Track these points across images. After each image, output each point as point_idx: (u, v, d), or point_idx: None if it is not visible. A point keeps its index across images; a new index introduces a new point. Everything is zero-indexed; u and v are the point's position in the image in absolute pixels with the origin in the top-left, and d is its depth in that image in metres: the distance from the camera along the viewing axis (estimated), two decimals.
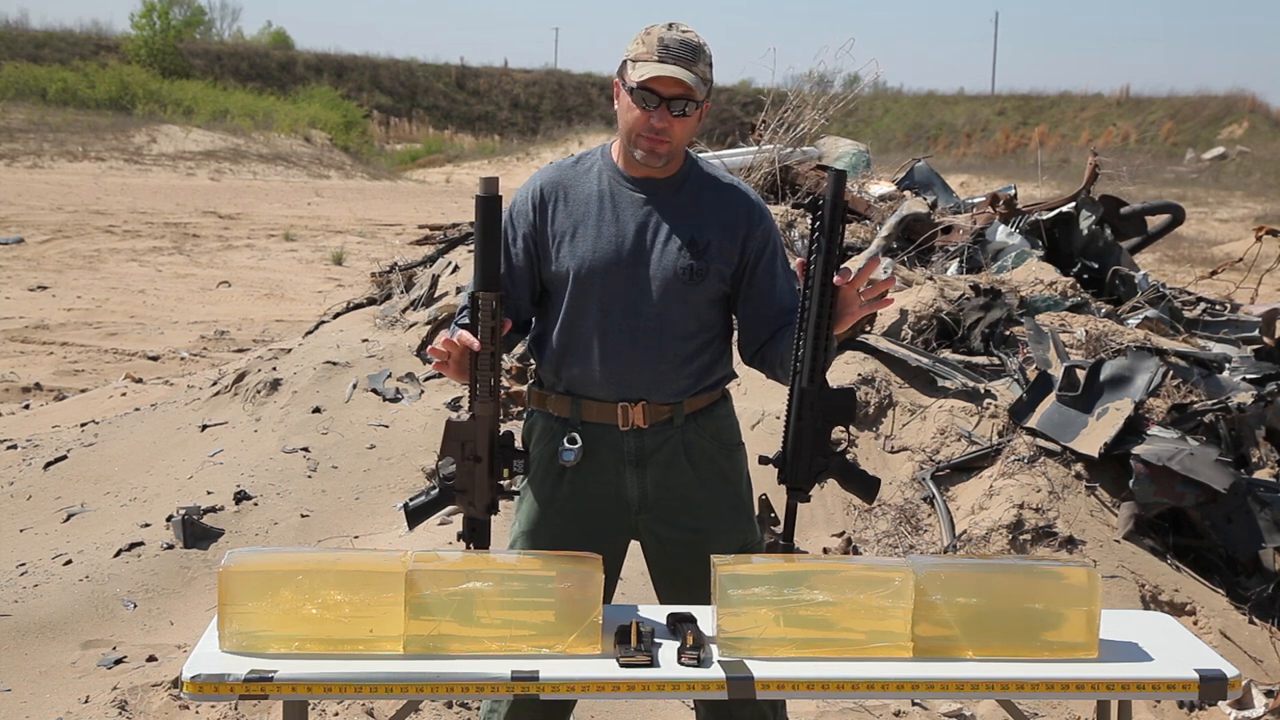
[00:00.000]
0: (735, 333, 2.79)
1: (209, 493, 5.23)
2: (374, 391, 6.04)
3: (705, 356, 2.70)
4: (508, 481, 2.57)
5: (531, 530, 2.72)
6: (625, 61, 2.60)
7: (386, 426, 5.72)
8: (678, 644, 2.27)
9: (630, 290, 2.62)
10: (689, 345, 2.67)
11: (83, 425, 6.63)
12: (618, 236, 2.63)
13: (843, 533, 4.84)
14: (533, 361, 2.79)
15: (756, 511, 2.88)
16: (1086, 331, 5.88)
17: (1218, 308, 7.09)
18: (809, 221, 2.51)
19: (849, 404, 2.55)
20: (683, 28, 2.58)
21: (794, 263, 2.54)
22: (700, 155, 2.78)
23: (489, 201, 2.45)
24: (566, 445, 2.66)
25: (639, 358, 2.63)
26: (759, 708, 2.73)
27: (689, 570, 2.66)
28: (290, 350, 7.07)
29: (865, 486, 2.62)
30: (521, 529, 2.75)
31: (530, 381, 2.82)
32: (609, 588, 2.75)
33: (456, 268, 8.01)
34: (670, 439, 2.68)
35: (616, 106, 2.65)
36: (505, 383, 6.00)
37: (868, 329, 5.80)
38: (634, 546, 2.81)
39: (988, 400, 5.37)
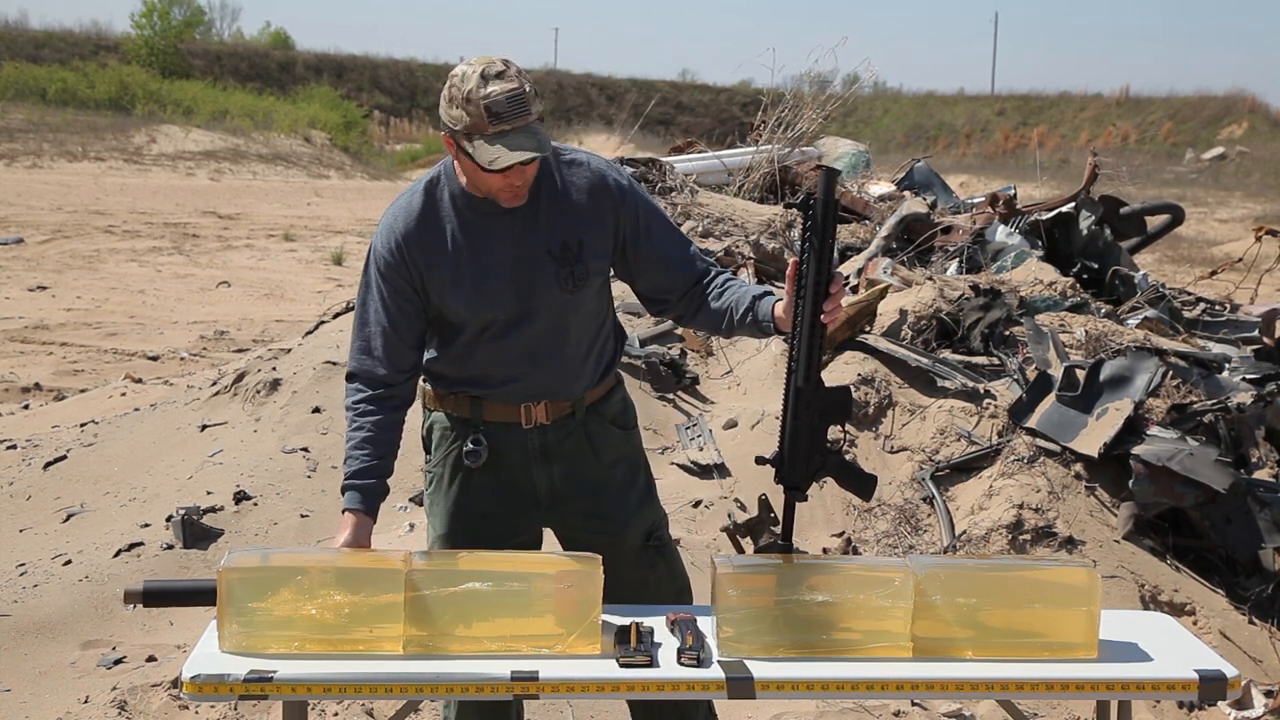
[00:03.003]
0: (651, 305, 2.76)
1: (209, 493, 5.23)
2: None
3: (598, 347, 2.69)
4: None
5: (448, 534, 2.70)
6: (454, 130, 2.43)
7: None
8: (677, 644, 2.27)
9: (514, 314, 2.57)
10: (584, 344, 2.66)
11: (82, 425, 6.63)
12: (492, 268, 2.56)
13: (842, 533, 4.84)
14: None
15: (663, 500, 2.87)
16: (1086, 331, 5.88)
17: (1217, 308, 7.09)
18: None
19: (845, 402, 2.55)
20: (495, 70, 2.40)
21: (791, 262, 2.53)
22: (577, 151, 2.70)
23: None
24: (471, 446, 2.63)
25: (538, 371, 2.61)
26: (683, 707, 2.73)
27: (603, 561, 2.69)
28: (290, 350, 7.07)
29: (863, 485, 2.62)
30: (438, 533, 2.72)
31: (422, 380, 2.74)
32: None
33: None
34: (573, 432, 2.67)
35: (454, 158, 2.53)
36: None
37: (868, 329, 5.80)
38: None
39: (987, 400, 5.37)
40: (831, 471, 2.57)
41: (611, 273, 2.72)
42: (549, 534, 2.83)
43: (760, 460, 2.61)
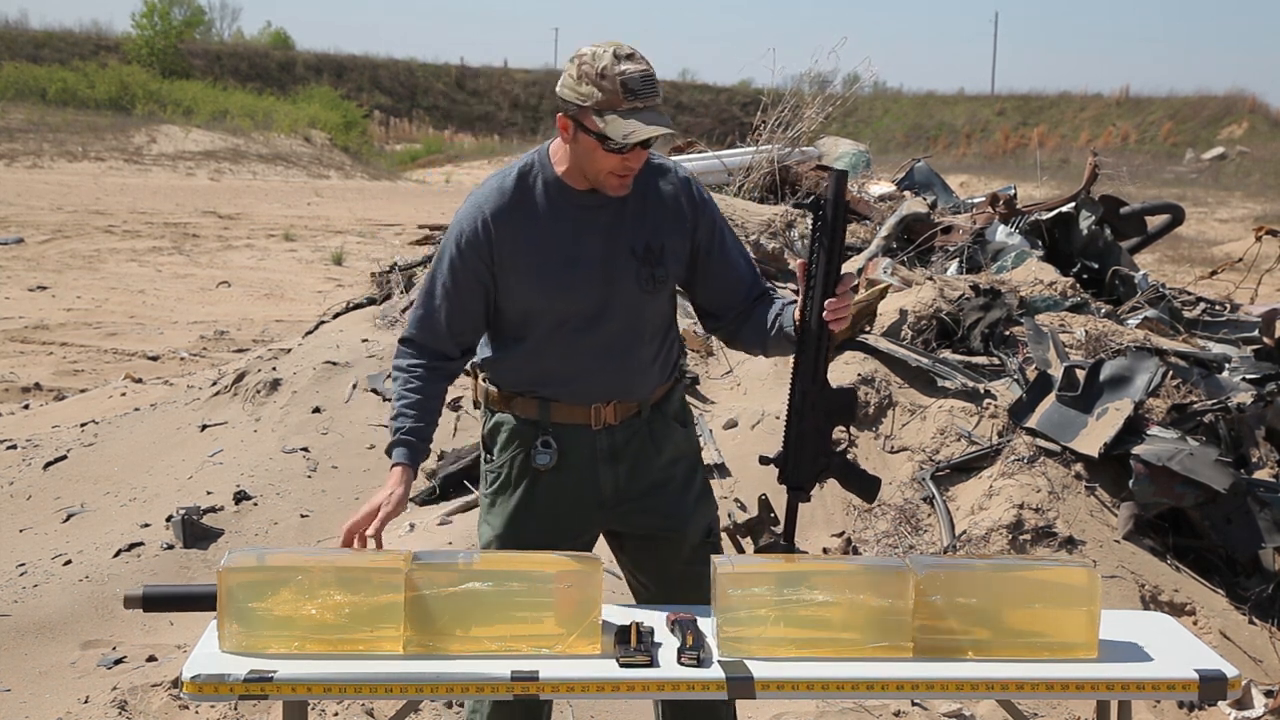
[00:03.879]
0: (706, 319, 2.78)
1: (209, 493, 5.23)
2: (374, 391, 6.04)
3: (665, 349, 2.72)
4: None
5: (504, 534, 2.69)
6: (583, 107, 2.43)
7: (386, 426, 5.71)
8: (677, 644, 2.27)
9: (593, 309, 2.58)
10: (654, 346, 2.68)
11: (83, 425, 6.63)
12: (574, 258, 2.57)
13: (843, 533, 4.84)
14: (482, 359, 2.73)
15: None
16: (1086, 331, 5.88)
17: (1217, 308, 7.09)
18: (810, 221, 2.51)
19: (850, 404, 2.56)
20: (626, 52, 2.44)
21: (795, 263, 2.54)
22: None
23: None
24: (541, 449, 2.63)
25: (609, 369, 2.62)
26: (714, 707, 2.73)
27: (659, 558, 2.71)
28: (290, 350, 7.07)
29: (866, 486, 2.62)
30: (495, 532, 2.71)
31: (484, 380, 2.74)
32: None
33: None
34: (639, 431, 2.68)
35: (565, 141, 2.53)
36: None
37: (867, 329, 5.80)
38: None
39: (987, 400, 5.37)
40: (835, 472, 2.57)
41: None
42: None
43: (764, 460, 2.61)
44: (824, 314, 2.47)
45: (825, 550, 4.74)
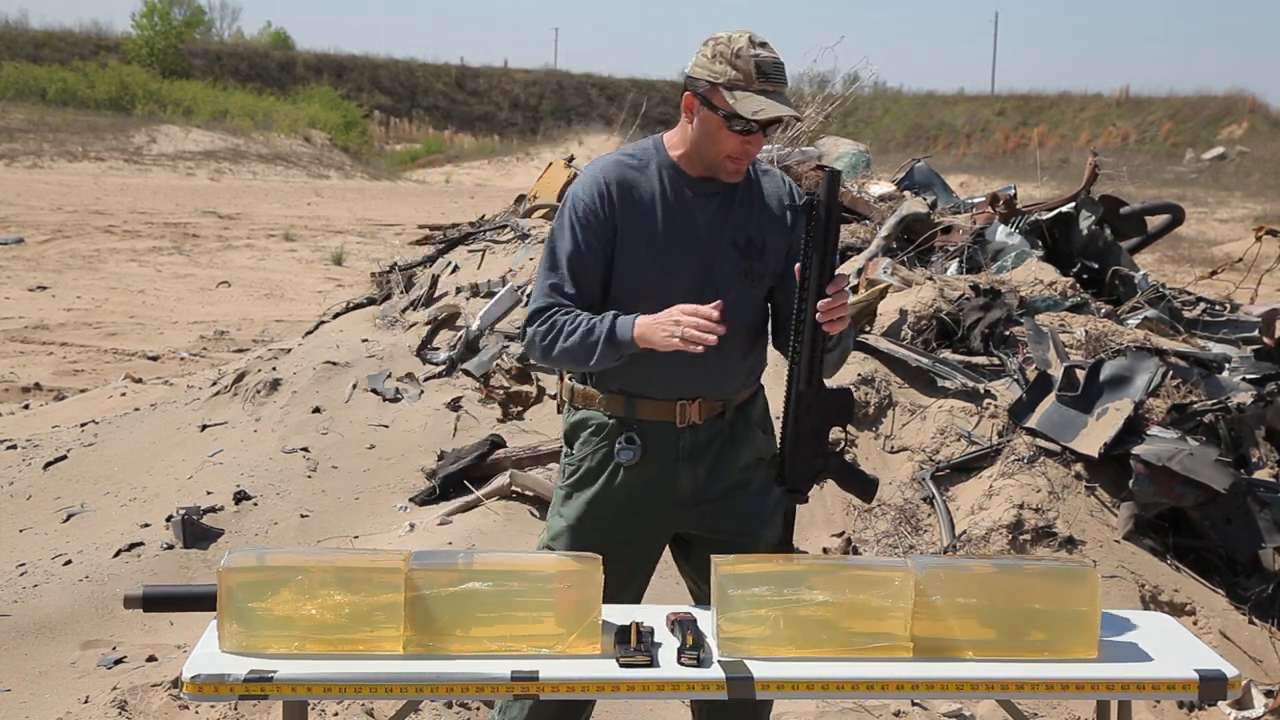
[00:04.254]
0: (777, 336, 2.76)
1: (209, 493, 5.22)
2: (374, 391, 6.04)
3: (755, 351, 2.72)
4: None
5: (576, 527, 2.69)
6: (711, 83, 2.52)
7: (386, 426, 5.72)
8: (677, 644, 2.27)
9: (692, 295, 2.58)
10: (744, 344, 2.68)
11: (83, 425, 6.63)
12: (681, 241, 2.60)
13: (843, 533, 4.84)
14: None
15: None
16: (1086, 331, 5.88)
17: (1218, 308, 7.09)
18: (804, 222, 2.51)
19: (847, 404, 2.56)
20: (760, 40, 2.54)
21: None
22: None
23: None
24: (625, 445, 2.64)
25: (700, 360, 2.59)
26: (754, 707, 2.73)
27: None
28: (290, 350, 7.07)
29: (864, 487, 2.62)
30: (567, 523, 2.71)
31: (570, 379, 2.77)
32: (641, 585, 2.75)
33: (456, 268, 8.02)
34: (720, 432, 2.69)
35: (690, 122, 2.58)
36: (505, 383, 6.00)
37: (868, 329, 5.80)
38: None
39: (988, 400, 5.37)
40: (833, 473, 2.57)
41: None
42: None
43: (761, 462, 2.61)
44: (816, 315, 2.48)
45: (825, 550, 4.74)
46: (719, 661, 2.25)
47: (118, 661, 4.09)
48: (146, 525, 5.00)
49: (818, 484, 2.61)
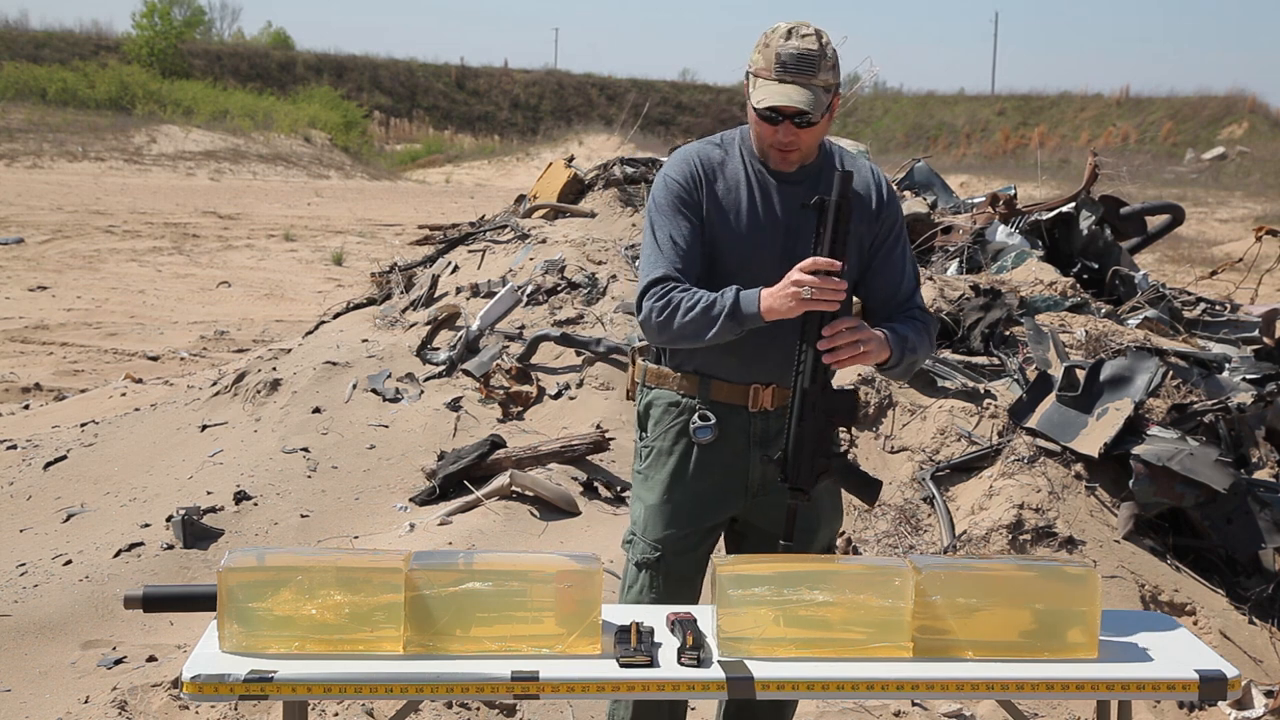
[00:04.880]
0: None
1: (209, 493, 5.22)
2: (374, 391, 6.04)
3: None
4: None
5: (657, 505, 2.70)
6: (749, 73, 2.59)
7: (386, 426, 5.72)
8: (677, 644, 2.27)
9: (775, 278, 2.58)
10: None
11: (83, 425, 6.63)
12: (764, 226, 2.63)
13: (843, 533, 4.84)
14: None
15: None
16: (1086, 331, 5.88)
17: (1218, 308, 7.09)
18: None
19: (851, 405, 2.56)
20: (802, 31, 2.55)
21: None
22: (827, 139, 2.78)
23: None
24: (700, 423, 2.65)
25: (775, 345, 2.62)
26: (778, 706, 2.73)
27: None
28: (290, 350, 7.07)
29: (866, 488, 2.62)
30: (649, 503, 2.73)
31: (643, 358, 2.79)
32: (700, 576, 2.73)
33: (456, 268, 8.01)
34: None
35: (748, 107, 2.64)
36: (505, 383, 6.00)
37: None
38: None
39: (988, 400, 5.37)
40: (836, 473, 2.57)
41: None
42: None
43: (765, 459, 2.61)
44: (819, 344, 2.48)
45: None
46: (719, 661, 2.25)
47: (118, 661, 4.09)
48: (146, 525, 5.00)
49: (820, 484, 2.60)
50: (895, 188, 2.81)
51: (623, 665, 2.22)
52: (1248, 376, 5.78)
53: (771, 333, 2.60)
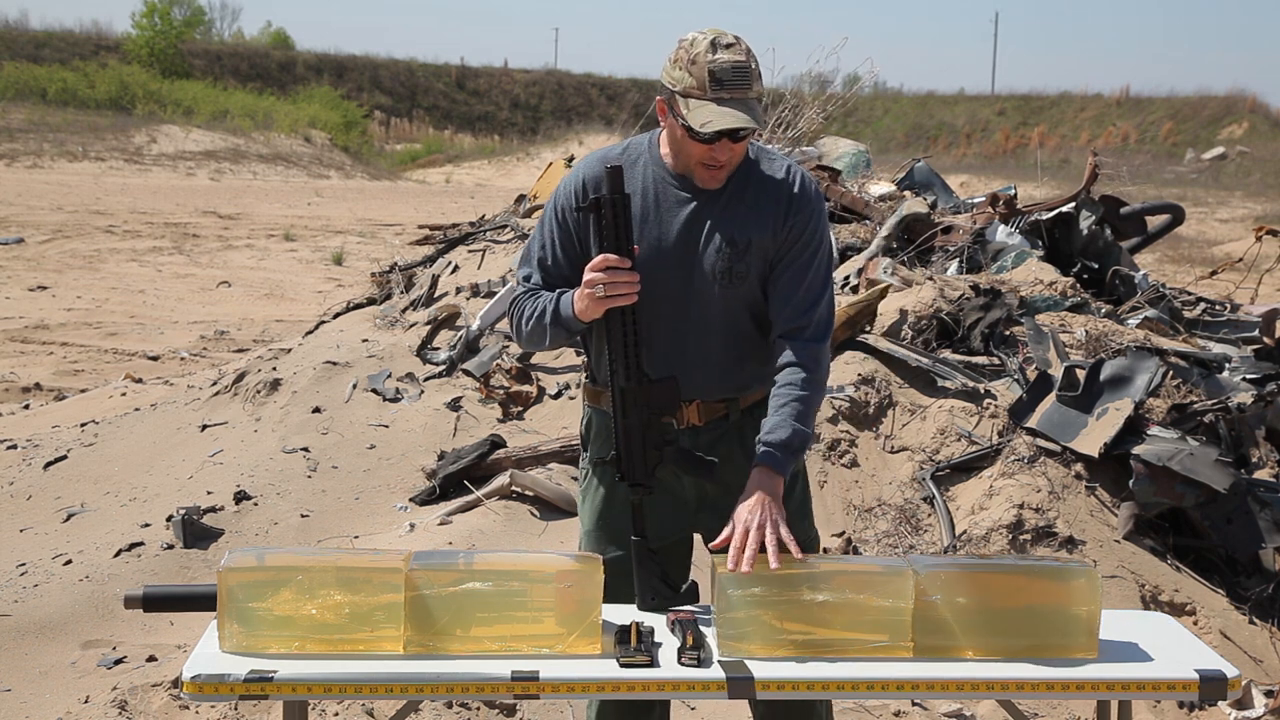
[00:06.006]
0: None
1: (209, 493, 5.23)
2: (374, 391, 6.04)
3: (760, 353, 2.63)
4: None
5: (591, 532, 2.70)
6: (673, 93, 2.47)
7: (386, 426, 5.72)
8: (678, 644, 2.27)
9: (672, 293, 2.56)
10: (741, 345, 2.62)
11: (83, 425, 6.63)
12: (659, 239, 2.57)
13: (843, 533, 4.83)
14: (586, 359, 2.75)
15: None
16: (1086, 331, 5.88)
17: (1218, 308, 7.09)
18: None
19: (671, 395, 2.52)
20: (725, 42, 2.44)
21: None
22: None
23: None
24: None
25: (688, 359, 2.59)
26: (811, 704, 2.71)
27: None
28: (290, 350, 7.07)
29: (704, 469, 2.59)
30: (585, 528, 2.73)
31: (585, 378, 2.78)
32: (681, 584, 2.68)
33: (456, 268, 8.02)
34: (725, 434, 2.64)
35: (663, 124, 2.56)
36: (505, 383, 6.00)
37: (867, 329, 5.80)
38: None
39: (988, 400, 5.37)
40: (671, 461, 2.55)
41: None
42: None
43: (600, 461, 2.62)
44: (729, 557, 2.37)
45: (825, 550, 4.74)
46: (719, 661, 2.25)
47: (118, 661, 4.09)
48: (147, 525, 5.00)
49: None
50: (822, 198, 2.71)
51: (623, 665, 2.22)
52: (1248, 376, 5.78)
53: (682, 354, 2.58)
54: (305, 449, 5.52)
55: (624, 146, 2.67)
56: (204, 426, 6.08)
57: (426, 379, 6.15)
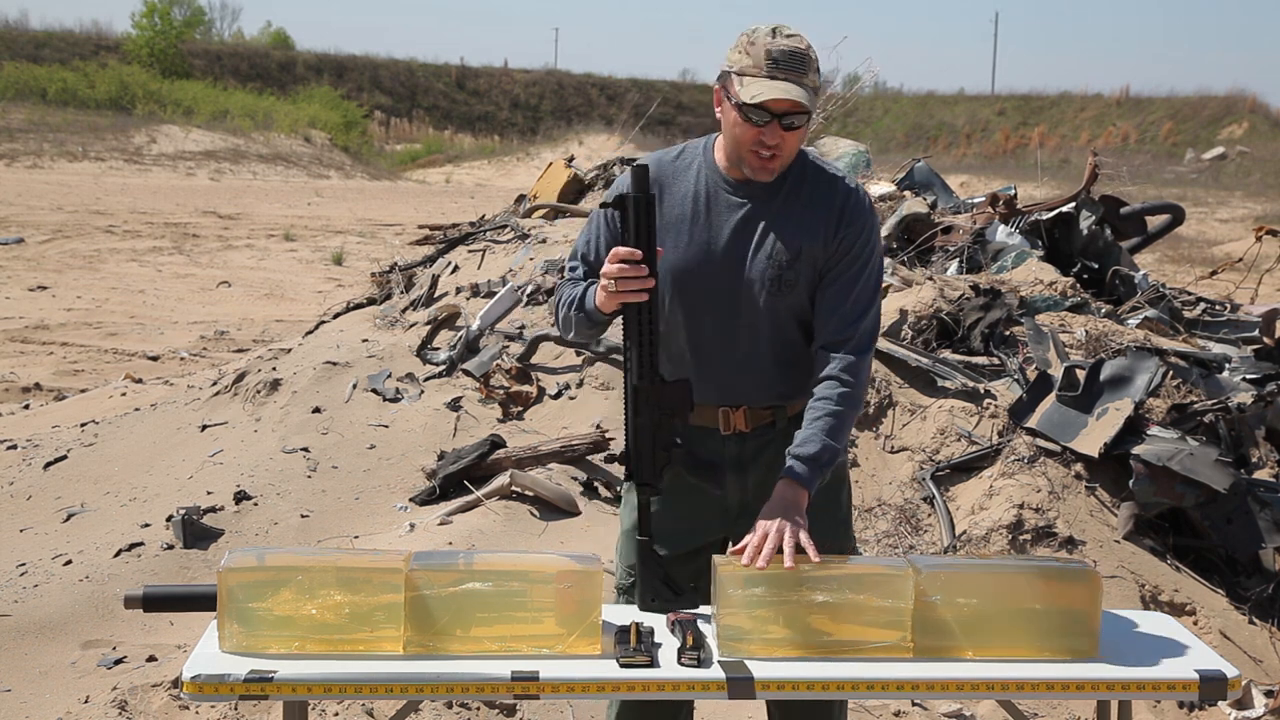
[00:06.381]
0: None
1: (209, 493, 5.22)
2: (374, 391, 6.04)
3: (808, 362, 2.61)
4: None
5: (631, 530, 2.68)
6: (729, 73, 2.49)
7: (386, 426, 5.72)
8: (678, 644, 2.27)
9: (720, 298, 2.57)
10: (788, 352, 2.62)
11: (83, 425, 6.63)
12: (709, 243, 2.57)
13: None
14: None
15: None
16: (1086, 331, 5.88)
17: (1218, 308, 7.09)
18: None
19: (684, 397, 2.53)
20: (787, 32, 2.47)
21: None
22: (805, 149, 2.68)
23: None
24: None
25: (735, 364, 2.58)
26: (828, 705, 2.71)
27: None
28: (290, 350, 7.07)
29: (710, 475, 2.59)
30: (623, 529, 2.73)
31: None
32: (707, 586, 2.70)
33: (456, 268, 8.01)
34: (772, 441, 2.62)
35: (719, 114, 2.57)
36: (505, 383, 6.00)
37: None
38: None
39: (988, 400, 5.37)
40: (678, 464, 2.55)
41: None
42: None
43: (611, 459, 2.61)
44: (746, 552, 2.38)
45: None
46: (719, 661, 2.25)
47: (118, 661, 4.09)
48: (146, 525, 5.00)
49: (665, 476, 2.58)
50: (875, 213, 2.70)
51: (623, 665, 2.22)
52: (1248, 376, 5.78)
53: (730, 359, 2.58)
54: (305, 449, 5.52)
55: (680, 149, 2.69)
56: (204, 426, 6.08)
57: (426, 379, 6.15)
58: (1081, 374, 5.16)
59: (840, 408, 2.51)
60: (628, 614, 2.42)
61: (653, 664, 2.22)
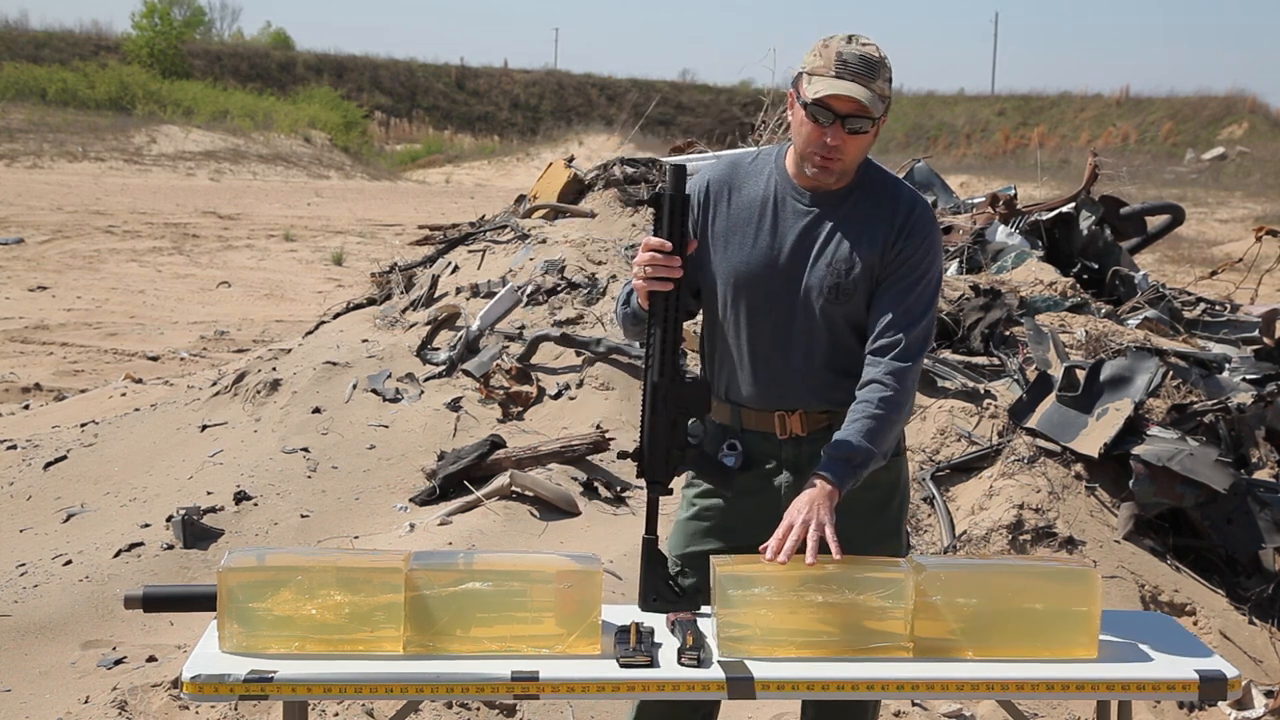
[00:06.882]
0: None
1: (209, 493, 5.23)
2: (374, 392, 6.04)
3: (859, 365, 2.61)
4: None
5: (684, 520, 2.71)
6: (801, 74, 2.52)
7: (386, 426, 5.72)
8: (678, 644, 2.27)
9: (779, 303, 2.58)
10: (844, 359, 2.61)
11: (83, 425, 6.63)
12: (773, 248, 2.59)
13: None
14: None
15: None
16: (1086, 331, 5.88)
17: (1218, 308, 7.09)
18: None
19: (704, 396, 2.54)
20: (863, 40, 2.50)
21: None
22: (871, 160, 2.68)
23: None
24: (727, 451, 2.63)
25: (791, 370, 2.59)
26: (860, 705, 2.71)
27: None
28: (290, 350, 7.07)
29: (721, 476, 2.60)
30: (681, 517, 2.74)
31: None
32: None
33: (456, 268, 8.01)
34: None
35: (790, 119, 2.59)
36: (505, 383, 6.00)
37: None
38: None
39: (988, 400, 5.37)
40: (691, 465, 2.56)
41: None
42: None
43: (622, 455, 2.61)
44: (770, 545, 2.39)
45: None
46: (719, 662, 2.25)
47: (118, 661, 4.09)
48: (146, 525, 5.01)
49: (677, 475, 2.58)
50: (938, 228, 2.70)
51: (623, 665, 2.22)
52: (1248, 376, 5.78)
53: (786, 364, 2.59)
54: (305, 449, 5.52)
55: (756, 153, 2.72)
56: (204, 427, 6.08)
57: (426, 379, 6.15)
58: (1081, 374, 5.16)
59: (881, 411, 2.51)
60: (628, 614, 2.42)
61: (652, 664, 2.22)
